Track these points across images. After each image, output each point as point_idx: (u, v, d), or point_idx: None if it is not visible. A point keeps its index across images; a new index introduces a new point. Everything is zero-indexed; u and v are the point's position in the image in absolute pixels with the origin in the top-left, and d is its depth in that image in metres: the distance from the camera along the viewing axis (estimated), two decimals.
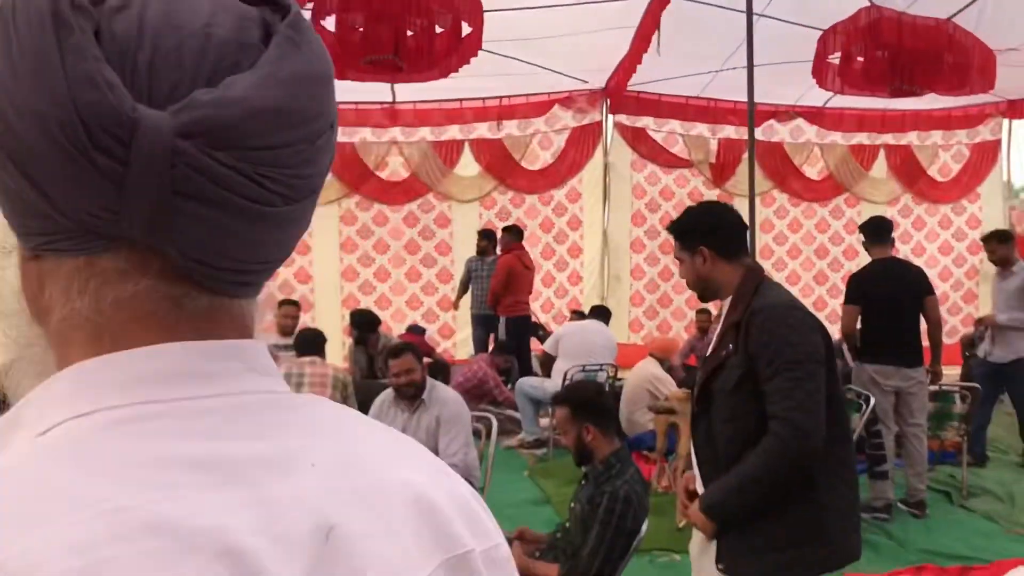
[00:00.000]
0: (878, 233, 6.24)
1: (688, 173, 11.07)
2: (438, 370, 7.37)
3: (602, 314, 8.74)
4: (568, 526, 3.50)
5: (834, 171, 11.64)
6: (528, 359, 9.12)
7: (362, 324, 7.58)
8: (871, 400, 5.64)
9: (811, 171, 11.67)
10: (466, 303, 9.90)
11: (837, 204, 11.68)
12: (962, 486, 6.40)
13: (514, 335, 9.11)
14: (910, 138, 11.70)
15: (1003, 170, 11.91)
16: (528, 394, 7.77)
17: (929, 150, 11.81)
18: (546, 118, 10.63)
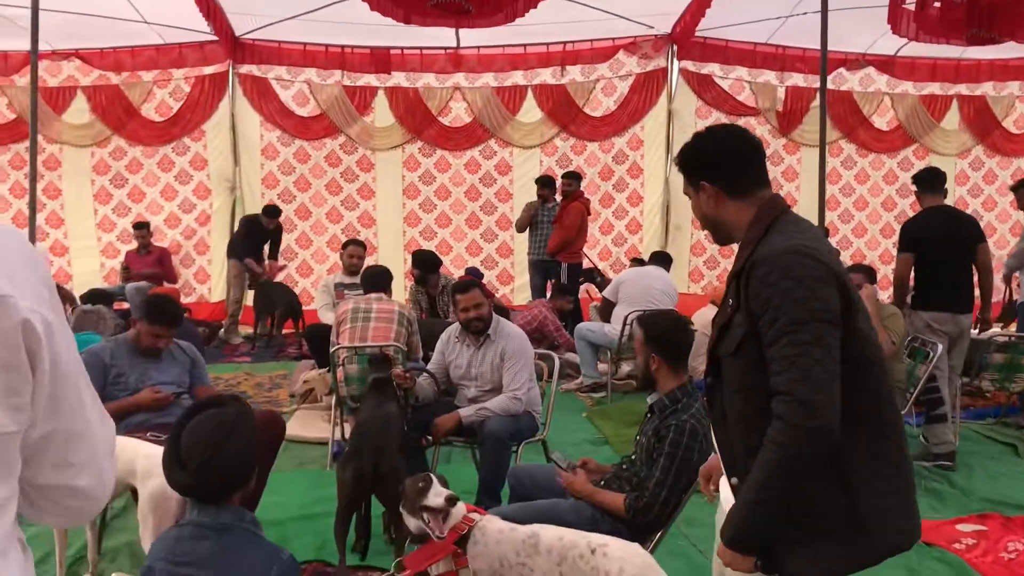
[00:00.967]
0: (931, 182, 6.22)
1: (754, 121, 10.90)
2: (498, 315, 7.45)
3: (663, 260, 8.71)
4: (634, 458, 3.56)
5: (904, 121, 11.37)
6: (579, 303, 9.20)
7: (424, 263, 7.67)
8: (938, 347, 5.59)
9: (880, 121, 11.42)
10: (522, 249, 9.94)
11: (906, 155, 11.44)
12: None
13: (573, 281, 9.17)
14: (985, 88, 11.38)
15: None
16: (587, 339, 7.82)
17: (1005, 101, 11.47)
18: (610, 64, 10.54)
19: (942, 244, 5.93)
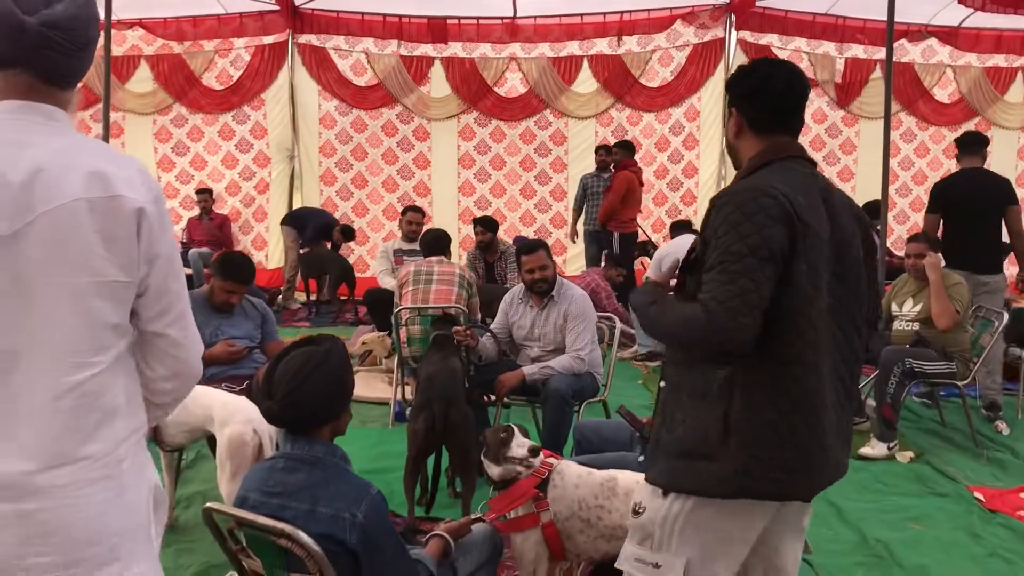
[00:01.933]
0: (970, 144, 6.31)
1: (812, 93, 10.73)
2: None
3: (684, 228, 8.68)
4: None
5: (966, 94, 11.16)
6: (634, 275, 9.20)
7: (493, 224, 7.79)
8: (1004, 316, 5.55)
9: (941, 94, 11.22)
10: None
11: (967, 128, 11.18)
12: None
13: (626, 251, 9.18)
14: None
15: None
16: None
17: None
18: (667, 34, 10.48)
19: (968, 205, 6.03)
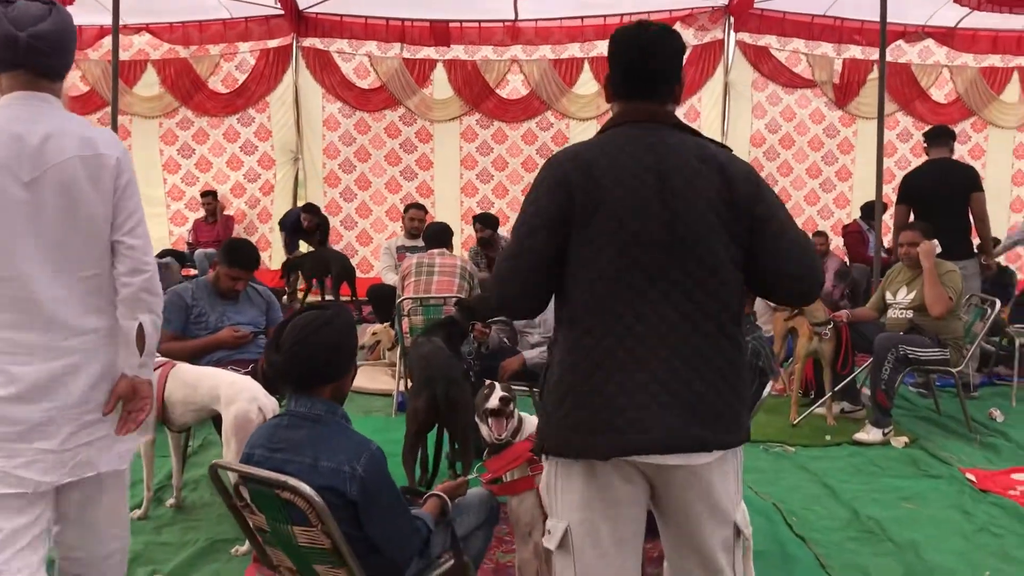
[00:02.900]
0: (937, 136, 6.66)
1: (810, 93, 10.90)
2: None
3: None
4: None
5: (963, 94, 11.25)
6: None
7: (492, 220, 7.90)
8: (996, 304, 5.64)
9: (938, 94, 11.31)
10: None
11: (963, 128, 11.29)
12: None
13: None
14: None
15: None
16: None
17: None
18: None
19: (931, 193, 6.36)
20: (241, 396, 3.89)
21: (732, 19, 10.53)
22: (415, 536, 2.56)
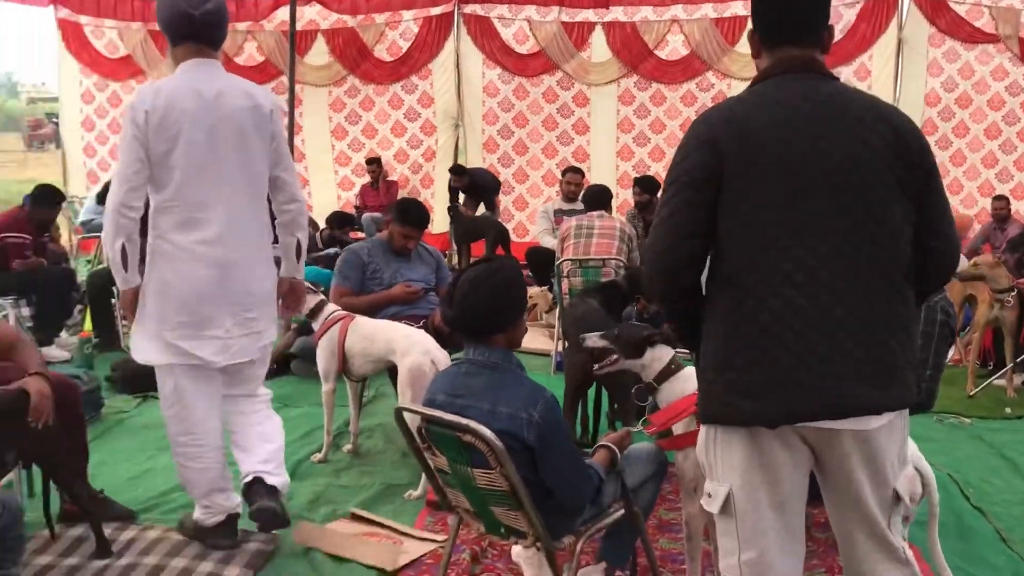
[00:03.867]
0: None
1: (992, 49, 10.21)
2: None
3: None
4: None
5: None
6: None
7: (647, 184, 7.84)
8: None
9: None
10: None
11: None
12: None
13: None
14: None
15: None
16: None
17: None
18: None
19: None
20: (415, 349, 4.09)
21: None
22: (588, 483, 2.65)
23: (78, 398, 3.64)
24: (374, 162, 10.81)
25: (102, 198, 7.63)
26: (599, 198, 6.27)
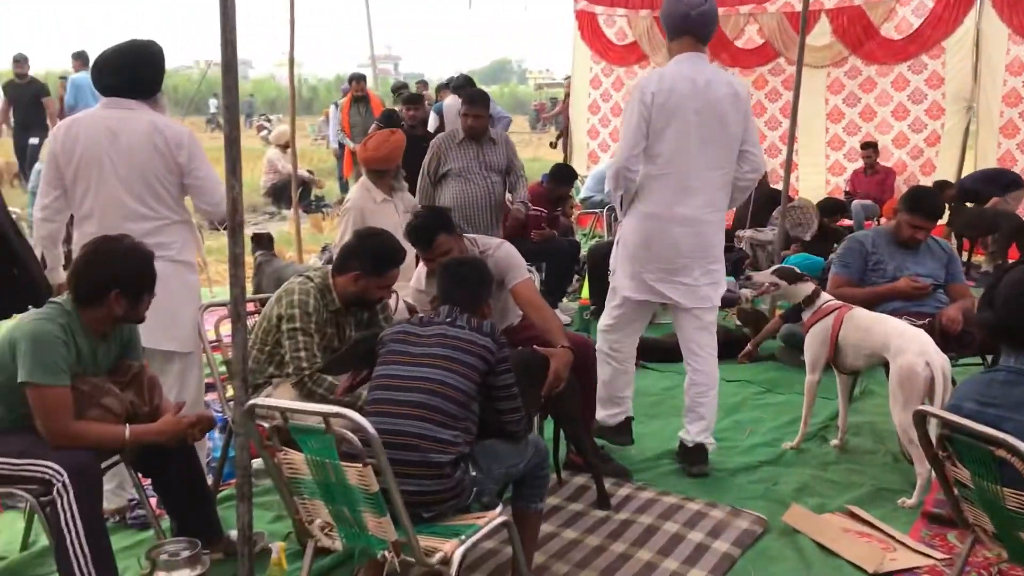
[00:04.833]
0: None
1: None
2: None
3: None
4: None
5: None
6: None
7: None
8: None
9: None
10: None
11: None
12: None
13: None
14: None
15: None
16: None
17: None
18: None
19: None
20: (910, 348, 3.84)
21: None
22: None
23: (592, 360, 3.99)
24: (870, 147, 10.25)
25: None
26: None
